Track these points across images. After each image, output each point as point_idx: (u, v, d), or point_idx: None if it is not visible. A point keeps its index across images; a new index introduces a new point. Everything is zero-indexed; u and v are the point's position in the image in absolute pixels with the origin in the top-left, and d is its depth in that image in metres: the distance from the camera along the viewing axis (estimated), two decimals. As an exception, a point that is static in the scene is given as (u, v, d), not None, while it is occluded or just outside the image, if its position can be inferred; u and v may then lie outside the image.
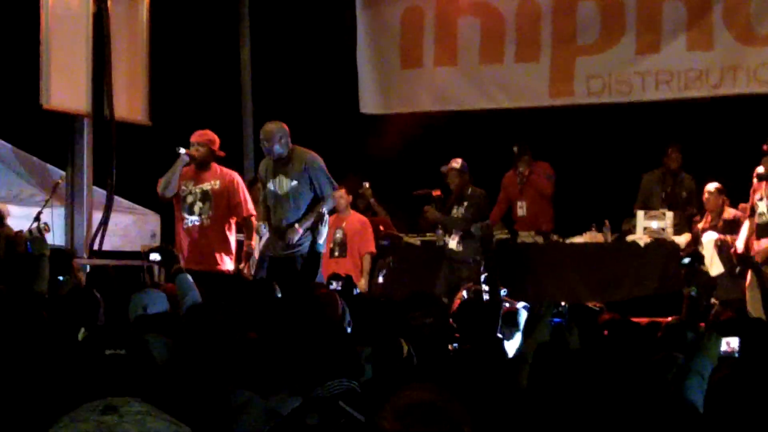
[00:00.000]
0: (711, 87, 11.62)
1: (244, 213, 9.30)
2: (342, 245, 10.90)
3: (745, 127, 10.97)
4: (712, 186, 10.64)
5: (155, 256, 7.13)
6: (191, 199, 9.23)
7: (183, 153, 9.15)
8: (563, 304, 4.90)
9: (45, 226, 8.20)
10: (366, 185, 11.99)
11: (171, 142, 9.37)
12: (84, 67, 10.55)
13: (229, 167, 9.53)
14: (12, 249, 9.04)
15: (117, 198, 11.12)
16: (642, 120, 12.03)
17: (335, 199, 9.57)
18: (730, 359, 4.08)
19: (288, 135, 8.97)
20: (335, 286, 7.26)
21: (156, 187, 9.36)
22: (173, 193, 9.29)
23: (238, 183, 9.35)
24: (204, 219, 9.20)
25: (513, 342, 6.16)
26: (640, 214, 10.89)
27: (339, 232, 10.83)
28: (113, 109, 10.73)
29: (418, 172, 11.86)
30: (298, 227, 8.86)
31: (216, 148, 9.32)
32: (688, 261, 9.71)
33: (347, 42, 12.79)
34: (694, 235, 10.69)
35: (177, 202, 9.33)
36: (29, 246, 6.56)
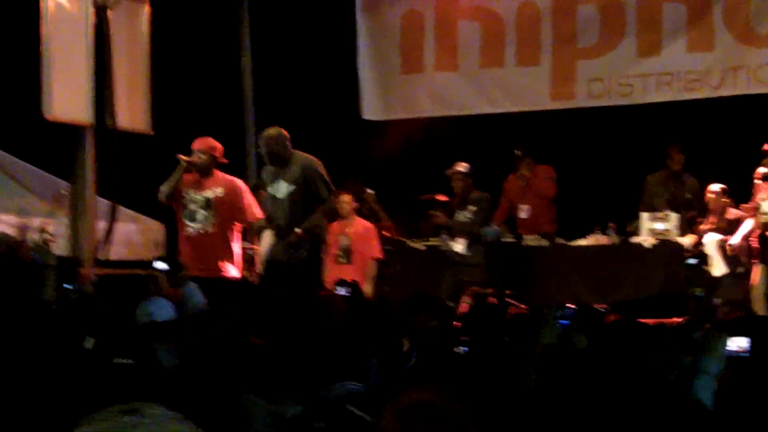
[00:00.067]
0: (712, 88, 11.59)
1: (249, 218, 9.28)
2: (347, 251, 10.88)
3: (746, 128, 10.97)
4: (716, 187, 10.62)
5: (161, 264, 7.15)
6: (193, 207, 9.22)
7: (182, 159, 9.16)
8: (568, 306, 4.92)
9: (50, 236, 8.22)
10: (369, 191, 11.98)
11: (173, 150, 9.38)
12: (85, 78, 10.54)
13: (232, 174, 9.52)
14: (16, 258, 9.05)
15: (120, 207, 11.12)
16: (643, 121, 12.02)
17: (333, 202, 9.58)
18: (739, 359, 4.09)
19: (288, 140, 8.98)
20: (342, 291, 7.25)
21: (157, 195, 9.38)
22: (173, 199, 9.28)
23: (241, 189, 9.33)
24: (207, 226, 9.19)
25: None
26: (644, 215, 10.87)
27: (344, 238, 10.81)
28: (116, 119, 10.74)
29: (420, 176, 11.85)
30: (298, 231, 8.87)
31: (218, 155, 9.30)
32: (695, 262, 9.71)
33: (348, 47, 12.80)
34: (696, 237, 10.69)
35: (179, 209, 9.32)
36: (35, 256, 6.59)
